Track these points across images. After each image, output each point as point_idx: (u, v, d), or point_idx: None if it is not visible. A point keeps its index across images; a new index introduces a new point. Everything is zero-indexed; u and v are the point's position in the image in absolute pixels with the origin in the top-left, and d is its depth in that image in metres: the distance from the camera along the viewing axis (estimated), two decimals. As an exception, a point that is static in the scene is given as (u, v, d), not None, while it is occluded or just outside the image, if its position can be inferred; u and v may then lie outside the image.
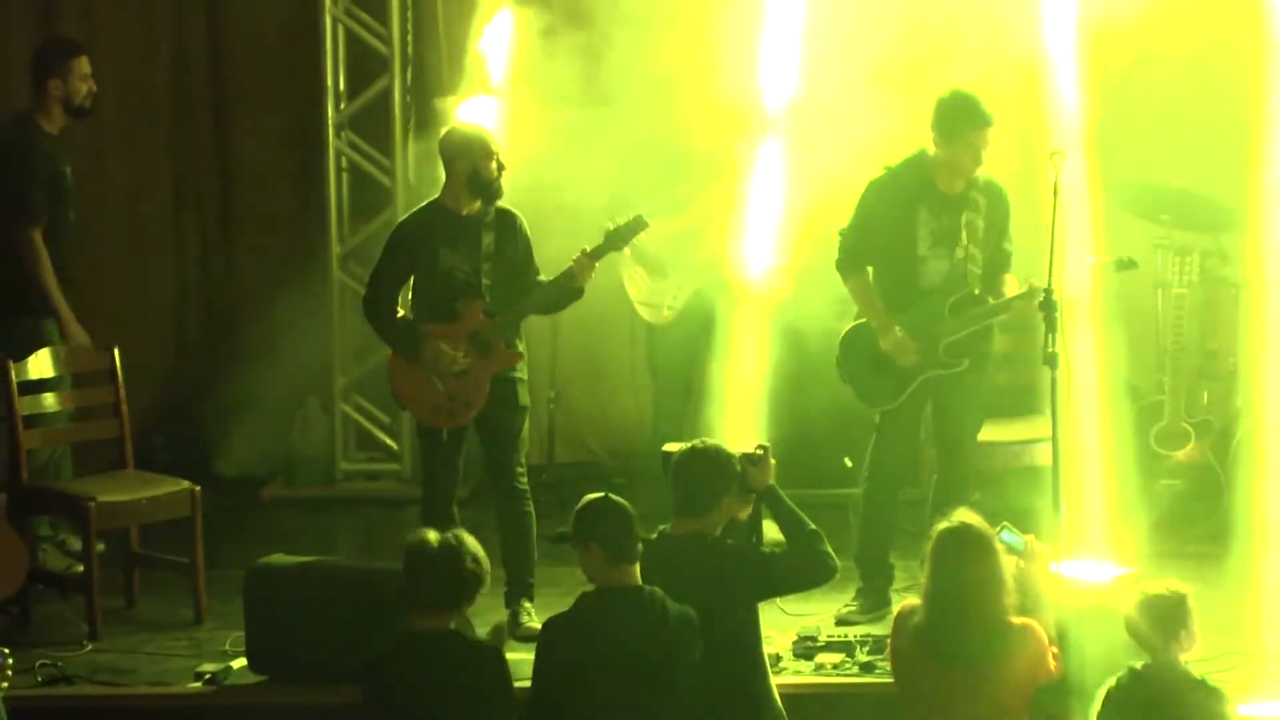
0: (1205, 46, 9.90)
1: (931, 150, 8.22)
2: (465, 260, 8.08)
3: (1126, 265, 8.34)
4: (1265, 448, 9.05)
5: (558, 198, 8.91)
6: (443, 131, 8.28)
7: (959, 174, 8.19)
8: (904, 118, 8.59)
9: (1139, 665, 6.56)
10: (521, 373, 8.26)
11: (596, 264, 8.13)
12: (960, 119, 8.15)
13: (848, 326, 8.42)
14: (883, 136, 8.66)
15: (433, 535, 6.67)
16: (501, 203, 8.17)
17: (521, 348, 8.24)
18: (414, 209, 8.33)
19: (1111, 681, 6.60)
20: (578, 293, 8.20)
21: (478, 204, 8.08)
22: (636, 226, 8.21)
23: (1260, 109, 9.69)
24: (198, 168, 10.69)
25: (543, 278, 8.19)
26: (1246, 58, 9.82)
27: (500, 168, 8.07)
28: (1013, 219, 8.38)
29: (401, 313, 8.25)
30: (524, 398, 8.27)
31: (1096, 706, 6.61)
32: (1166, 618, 6.56)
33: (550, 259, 8.26)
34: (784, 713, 7.04)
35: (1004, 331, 8.82)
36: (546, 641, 6.75)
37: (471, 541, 6.68)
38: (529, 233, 8.24)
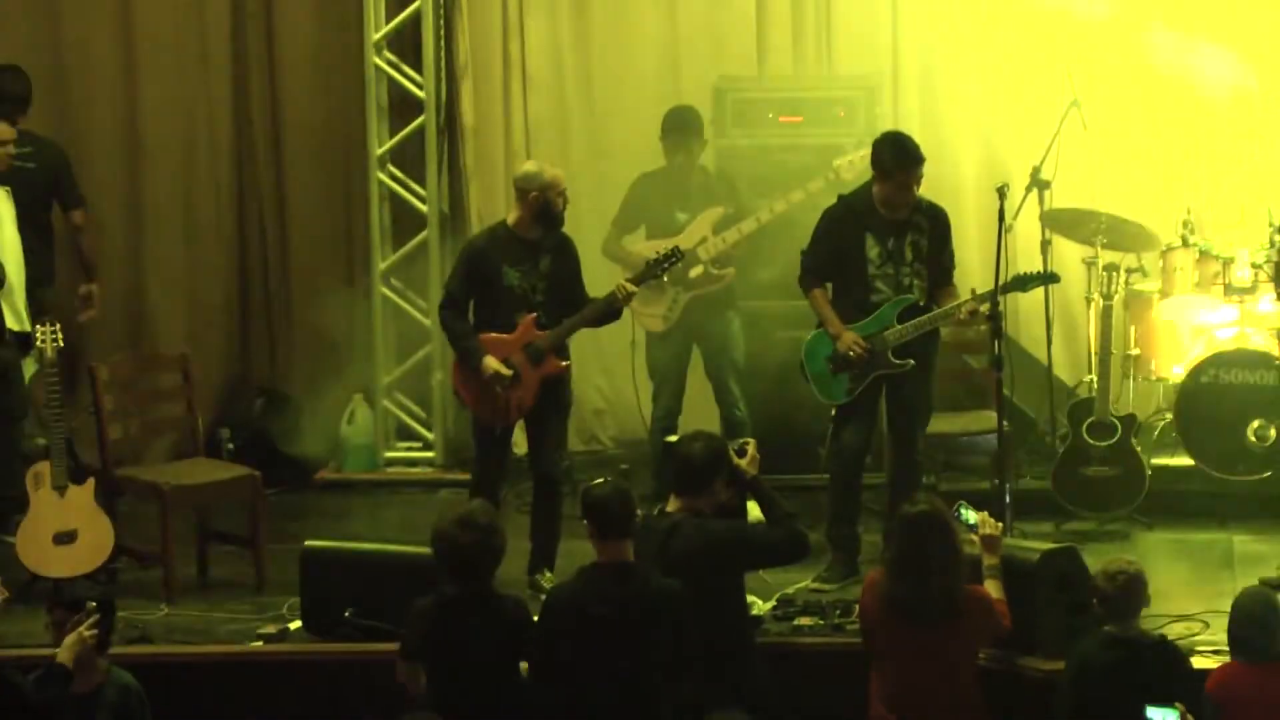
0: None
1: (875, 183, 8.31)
2: (524, 278, 8.17)
3: (1051, 279, 8.48)
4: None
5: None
6: (523, 167, 8.39)
7: (898, 205, 8.25)
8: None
9: (1109, 628, 6.65)
10: (567, 378, 8.36)
11: (635, 289, 8.27)
12: (890, 160, 8.18)
13: (809, 335, 8.48)
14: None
15: (465, 511, 6.74)
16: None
17: (567, 359, 8.33)
18: (482, 229, 8.41)
19: (1083, 644, 6.70)
20: (617, 314, 8.33)
21: (539, 230, 8.20)
22: (674, 257, 8.38)
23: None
24: (258, 193, 10.64)
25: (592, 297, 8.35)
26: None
27: (565, 203, 8.22)
28: (952, 237, 8.44)
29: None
30: (567, 398, 8.41)
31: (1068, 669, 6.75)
32: (1132, 586, 6.65)
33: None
34: (766, 667, 7.12)
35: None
36: (547, 607, 6.85)
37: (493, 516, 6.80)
38: (578, 256, 8.34)
